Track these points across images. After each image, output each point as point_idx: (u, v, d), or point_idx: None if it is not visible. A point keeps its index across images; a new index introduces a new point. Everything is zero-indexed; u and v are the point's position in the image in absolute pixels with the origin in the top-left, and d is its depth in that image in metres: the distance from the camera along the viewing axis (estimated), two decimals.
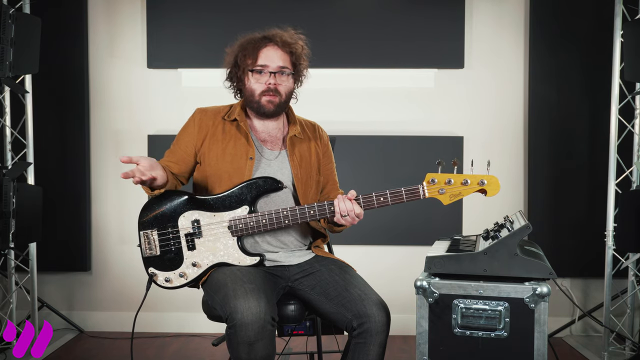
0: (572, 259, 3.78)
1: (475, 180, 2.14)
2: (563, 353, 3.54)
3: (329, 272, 2.25)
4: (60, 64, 3.83)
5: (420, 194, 2.16)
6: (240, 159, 2.28)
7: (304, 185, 2.33)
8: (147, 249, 2.26)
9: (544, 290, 1.90)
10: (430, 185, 2.15)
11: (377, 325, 2.09)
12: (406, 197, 2.16)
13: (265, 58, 2.27)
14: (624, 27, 3.32)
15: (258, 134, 2.35)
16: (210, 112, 2.36)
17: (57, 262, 3.90)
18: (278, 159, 2.34)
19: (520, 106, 3.85)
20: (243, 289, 2.05)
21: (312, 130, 2.45)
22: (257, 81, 2.28)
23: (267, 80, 2.27)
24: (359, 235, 3.77)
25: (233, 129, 2.33)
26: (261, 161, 2.31)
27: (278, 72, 2.28)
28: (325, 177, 2.44)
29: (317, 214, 2.20)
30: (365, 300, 2.12)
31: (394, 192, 2.16)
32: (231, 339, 2.01)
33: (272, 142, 2.36)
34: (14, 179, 3.33)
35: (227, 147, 2.30)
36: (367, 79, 3.85)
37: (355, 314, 2.11)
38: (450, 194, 2.15)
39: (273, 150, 2.35)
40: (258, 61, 2.27)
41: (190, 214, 2.25)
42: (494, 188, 2.13)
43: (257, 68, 2.27)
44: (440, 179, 2.15)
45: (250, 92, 2.29)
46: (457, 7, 3.76)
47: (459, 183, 2.14)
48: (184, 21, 3.79)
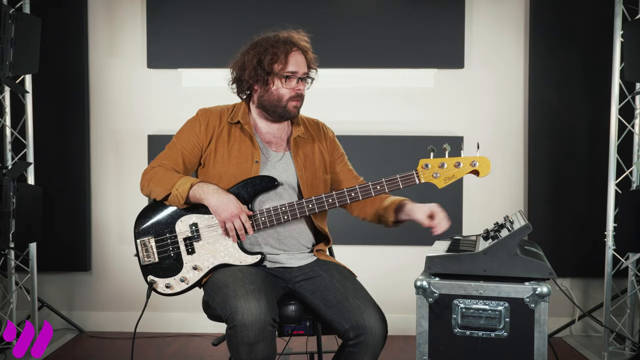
0: (572, 259, 3.78)
1: (467, 162, 2.18)
2: (563, 353, 3.54)
3: (330, 278, 2.24)
4: (60, 64, 3.83)
5: (415, 179, 2.18)
6: (246, 161, 2.27)
7: (309, 186, 2.31)
8: (145, 256, 2.25)
9: (544, 290, 1.90)
10: (424, 170, 2.19)
11: (374, 338, 2.09)
12: (402, 183, 2.19)
13: (295, 64, 2.26)
14: (624, 27, 3.32)
15: (263, 135, 2.34)
16: (214, 113, 2.33)
17: (57, 262, 3.90)
18: (282, 161, 2.32)
19: (520, 106, 3.85)
20: (244, 290, 2.04)
21: (316, 129, 2.43)
22: (287, 87, 2.26)
23: (296, 86, 2.26)
24: (359, 235, 3.77)
25: (237, 131, 2.31)
26: (267, 164, 2.29)
27: (304, 78, 2.29)
28: (342, 174, 2.43)
29: (315, 207, 2.19)
30: (365, 312, 2.10)
31: (390, 180, 2.19)
32: (231, 339, 2.01)
33: (277, 143, 2.34)
34: (14, 179, 3.33)
35: (232, 149, 2.28)
36: (367, 79, 3.85)
37: (353, 324, 2.10)
38: (444, 177, 2.18)
39: (278, 152, 2.33)
40: (288, 67, 2.24)
41: (187, 218, 2.24)
42: (485, 168, 2.18)
43: (288, 74, 2.25)
44: (433, 163, 2.19)
45: (277, 98, 2.26)
46: (457, 7, 3.76)
47: (452, 165, 2.18)
48: (184, 21, 3.79)
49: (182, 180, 2.20)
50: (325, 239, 2.42)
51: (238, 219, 2.16)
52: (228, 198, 2.17)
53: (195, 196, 2.19)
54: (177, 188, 2.18)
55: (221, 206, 2.16)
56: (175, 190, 2.19)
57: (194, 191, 2.18)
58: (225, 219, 2.17)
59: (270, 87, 2.26)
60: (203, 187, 2.19)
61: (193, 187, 2.18)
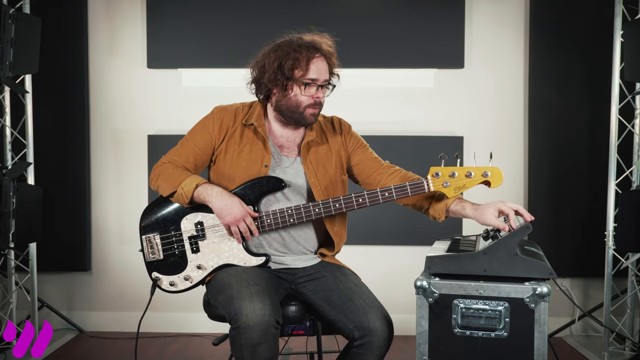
0: (572, 259, 3.78)
1: (479, 172, 2.14)
2: (563, 353, 3.54)
3: (334, 279, 2.23)
4: (60, 64, 3.83)
5: (425, 187, 2.15)
6: (255, 164, 2.24)
7: (324, 190, 2.28)
8: (150, 253, 2.25)
9: (544, 290, 1.90)
10: (435, 179, 2.15)
11: (379, 340, 2.08)
12: (411, 191, 2.15)
13: (316, 71, 2.19)
14: (624, 27, 3.32)
15: (276, 138, 2.30)
16: (230, 112, 2.29)
17: (57, 262, 3.90)
18: (293, 166, 2.29)
19: (520, 106, 3.85)
20: (248, 291, 2.03)
21: (330, 127, 2.37)
22: (305, 94, 2.20)
23: (315, 94, 2.21)
24: (359, 235, 3.77)
25: (250, 133, 2.27)
26: (276, 168, 2.26)
27: (324, 85, 2.24)
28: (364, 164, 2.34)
29: (322, 211, 2.18)
30: (370, 313, 2.09)
31: (399, 187, 2.16)
32: (234, 340, 2.00)
33: (289, 147, 2.31)
34: (14, 179, 3.33)
35: (242, 151, 2.25)
36: (367, 79, 3.85)
37: (358, 325, 2.09)
38: (454, 187, 2.15)
39: (289, 157, 2.30)
40: (309, 74, 2.18)
41: (193, 216, 2.23)
42: (497, 179, 2.14)
43: (308, 81, 2.19)
44: (443, 172, 2.14)
45: (295, 104, 2.21)
46: (457, 7, 3.76)
47: (463, 175, 2.14)
48: (184, 21, 3.79)
49: (189, 179, 2.18)
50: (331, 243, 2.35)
51: (242, 222, 2.15)
52: (232, 201, 2.15)
53: (200, 197, 2.18)
54: (183, 187, 2.17)
55: (225, 210, 2.15)
56: (180, 189, 2.18)
57: (199, 192, 2.17)
58: (229, 222, 2.15)
59: (289, 92, 2.21)
60: (207, 188, 2.17)
61: (198, 188, 2.17)
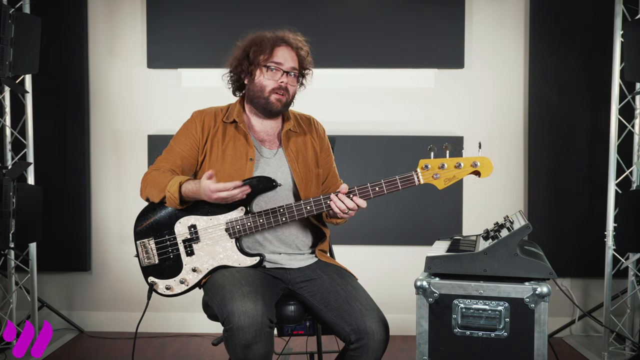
0: (572, 259, 3.78)
1: (468, 163, 2.13)
2: (563, 353, 3.54)
3: (331, 280, 2.24)
4: (60, 64, 3.83)
5: (415, 180, 2.14)
6: (241, 159, 2.27)
7: (303, 179, 2.32)
8: (145, 258, 2.26)
9: (544, 290, 1.90)
10: (424, 171, 2.14)
11: (375, 343, 2.08)
12: (401, 184, 2.14)
13: (281, 56, 2.26)
14: (624, 27, 3.32)
15: (257, 133, 2.35)
16: (209, 113, 2.34)
17: (57, 262, 3.90)
18: (276, 157, 2.33)
19: (520, 106, 3.85)
20: (240, 292, 2.04)
21: (307, 123, 2.43)
22: (270, 78, 2.26)
23: (280, 78, 2.26)
24: (359, 236, 3.77)
25: (232, 130, 2.31)
26: (260, 161, 2.30)
27: (290, 73, 2.28)
28: (325, 170, 2.43)
29: (313, 209, 2.18)
30: (366, 315, 2.09)
31: (389, 181, 2.15)
32: (228, 341, 2.01)
33: (270, 140, 2.35)
34: (14, 179, 3.33)
35: (227, 148, 2.29)
36: (367, 79, 3.85)
37: (354, 328, 2.09)
38: (444, 178, 2.13)
39: (271, 149, 2.34)
40: (273, 58, 2.25)
41: (186, 219, 2.24)
42: (487, 169, 2.12)
43: (272, 65, 2.25)
44: (433, 164, 2.14)
45: (259, 88, 2.27)
46: (457, 7, 3.76)
47: (452, 166, 2.13)
48: (184, 21, 3.79)
49: (172, 180, 2.18)
50: (323, 234, 2.39)
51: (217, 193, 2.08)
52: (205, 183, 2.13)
53: (188, 194, 2.17)
54: (169, 189, 2.17)
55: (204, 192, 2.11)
56: (167, 192, 2.18)
57: (185, 188, 2.17)
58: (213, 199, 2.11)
59: (254, 77, 2.28)
60: (190, 182, 2.17)
61: (182, 185, 2.17)
